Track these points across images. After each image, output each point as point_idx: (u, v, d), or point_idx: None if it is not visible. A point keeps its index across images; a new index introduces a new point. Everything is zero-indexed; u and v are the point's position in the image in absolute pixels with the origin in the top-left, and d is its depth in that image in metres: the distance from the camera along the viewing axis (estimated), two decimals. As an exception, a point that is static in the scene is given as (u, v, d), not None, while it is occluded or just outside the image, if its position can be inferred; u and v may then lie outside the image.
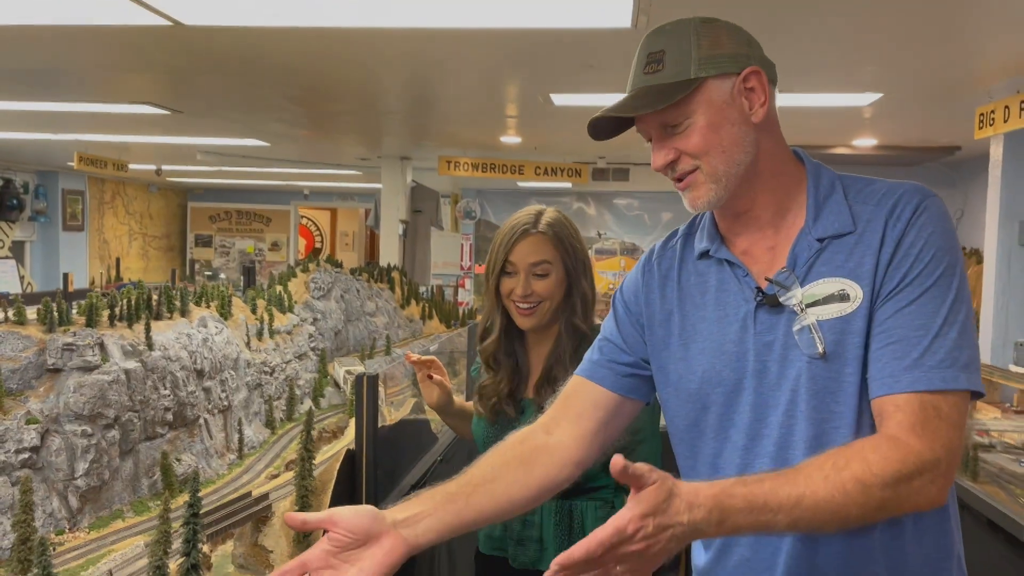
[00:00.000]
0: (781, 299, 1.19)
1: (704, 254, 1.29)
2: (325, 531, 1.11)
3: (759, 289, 1.21)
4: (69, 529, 2.43)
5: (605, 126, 1.25)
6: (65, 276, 6.45)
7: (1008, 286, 5.31)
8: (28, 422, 2.07)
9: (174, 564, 1.74)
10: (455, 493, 1.21)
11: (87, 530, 2.34)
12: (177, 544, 1.77)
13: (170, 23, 3.39)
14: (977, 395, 1.12)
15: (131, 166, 9.52)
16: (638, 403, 1.38)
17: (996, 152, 5.38)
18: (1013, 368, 5.00)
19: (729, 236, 1.28)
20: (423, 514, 1.16)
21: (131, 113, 5.96)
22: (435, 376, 2.00)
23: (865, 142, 6.39)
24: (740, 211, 1.25)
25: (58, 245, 11.39)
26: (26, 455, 2.12)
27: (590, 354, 1.40)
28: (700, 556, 1.34)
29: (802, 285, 1.19)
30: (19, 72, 4.70)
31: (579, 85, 4.46)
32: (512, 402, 1.94)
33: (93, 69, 4.63)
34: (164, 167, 10.59)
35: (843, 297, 1.17)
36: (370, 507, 1.14)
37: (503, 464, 1.28)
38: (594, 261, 11.01)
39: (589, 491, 1.84)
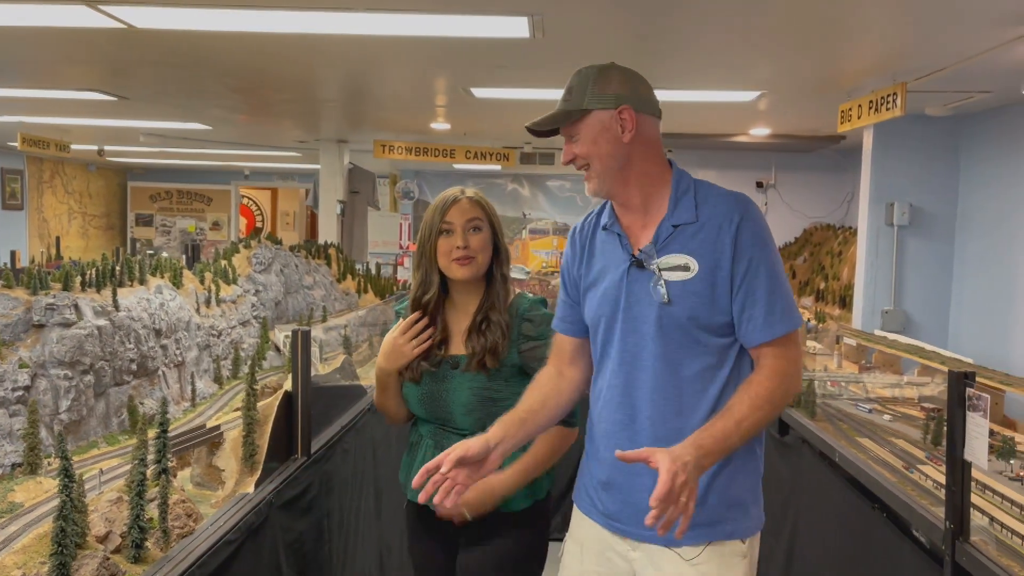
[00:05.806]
0: (645, 264, 1.82)
1: (605, 227, 1.93)
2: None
3: (633, 256, 1.84)
4: (55, 454, 2.88)
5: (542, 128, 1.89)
6: (13, 253, 6.69)
7: (876, 260, 5.84)
8: (21, 366, 2.52)
9: (149, 471, 2.23)
10: (524, 419, 1.89)
11: (71, 455, 2.81)
12: (151, 456, 2.25)
13: (124, 27, 3.74)
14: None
15: (73, 147, 9.37)
16: None
17: (867, 142, 5.97)
18: (878, 332, 5.62)
19: (619, 214, 1.91)
20: (508, 437, 1.83)
21: (77, 99, 6.02)
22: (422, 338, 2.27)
23: (760, 131, 7.00)
24: (621, 201, 1.89)
25: (-3, 224, 11.26)
26: (20, 392, 2.56)
27: (556, 313, 2.08)
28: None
29: (659, 256, 1.81)
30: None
31: (494, 81, 4.97)
32: (437, 358, 2.24)
33: (43, 61, 4.76)
34: (106, 147, 10.56)
35: (685, 268, 1.79)
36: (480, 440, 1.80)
37: (544, 397, 1.96)
38: (528, 241, 11.44)
39: None
